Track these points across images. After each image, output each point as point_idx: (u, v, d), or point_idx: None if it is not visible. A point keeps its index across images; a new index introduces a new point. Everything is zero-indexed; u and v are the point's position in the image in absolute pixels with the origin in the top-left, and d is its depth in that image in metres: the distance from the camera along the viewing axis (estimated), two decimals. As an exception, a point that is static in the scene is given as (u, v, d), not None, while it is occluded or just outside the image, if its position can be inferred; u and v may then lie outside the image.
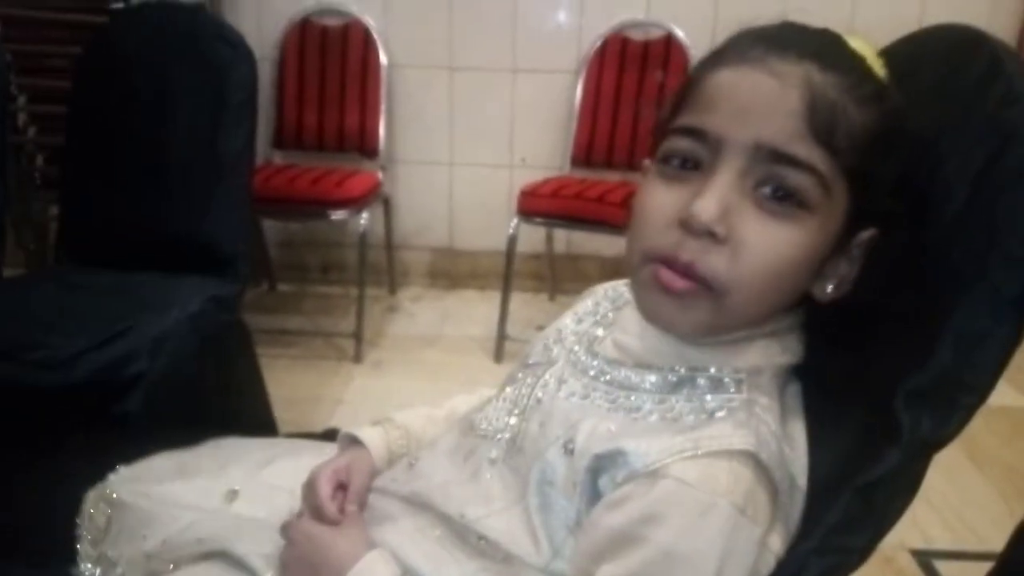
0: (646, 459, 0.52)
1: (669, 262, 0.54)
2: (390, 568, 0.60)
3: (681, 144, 0.55)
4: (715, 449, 0.52)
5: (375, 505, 0.68)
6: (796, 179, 0.52)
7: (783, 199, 0.52)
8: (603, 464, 0.55)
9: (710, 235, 0.52)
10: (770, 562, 0.53)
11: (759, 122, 0.52)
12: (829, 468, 0.57)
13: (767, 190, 0.52)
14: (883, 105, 0.54)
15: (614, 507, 0.53)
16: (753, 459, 0.52)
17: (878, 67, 0.56)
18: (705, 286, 0.53)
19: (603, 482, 0.55)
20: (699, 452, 0.52)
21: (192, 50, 1.56)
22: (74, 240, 1.66)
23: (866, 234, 0.56)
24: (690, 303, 0.54)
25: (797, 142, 0.51)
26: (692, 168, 0.55)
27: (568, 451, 0.57)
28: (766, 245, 0.52)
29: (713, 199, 0.52)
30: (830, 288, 0.57)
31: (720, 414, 0.55)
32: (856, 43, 0.56)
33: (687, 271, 0.53)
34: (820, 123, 0.51)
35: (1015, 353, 0.54)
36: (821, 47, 0.54)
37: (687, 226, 0.53)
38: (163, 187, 1.56)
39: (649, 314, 0.57)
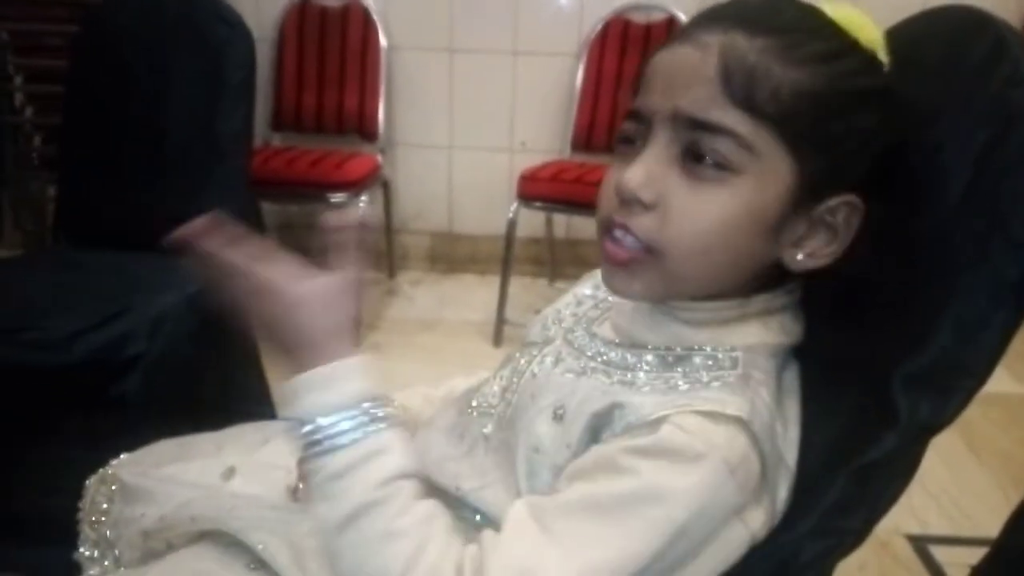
0: (641, 411, 0.53)
1: (610, 227, 0.57)
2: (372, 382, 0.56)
3: (626, 127, 0.58)
4: (709, 410, 0.52)
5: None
6: (712, 143, 0.53)
7: (705, 163, 0.54)
8: (601, 421, 0.55)
9: (639, 202, 0.54)
10: (742, 536, 0.53)
11: (677, 92, 0.54)
12: (826, 450, 0.57)
13: (690, 155, 0.54)
14: (832, 66, 0.53)
15: (605, 440, 0.54)
16: (746, 428, 0.52)
17: (867, 34, 0.55)
18: (644, 251, 0.55)
19: (604, 437, 0.55)
20: (694, 409, 0.52)
21: (189, 29, 1.55)
22: (72, 220, 1.66)
23: (836, 200, 0.55)
24: (634, 270, 0.56)
25: (712, 108, 0.53)
26: (638, 144, 0.57)
27: (557, 417, 0.57)
28: (693, 208, 0.54)
29: (638, 169, 0.54)
30: (800, 256, 0.57)
31: (715, 384, 0.55)
32: (837, 11, 0.55)
33: (623, 237, 0.56)
34: (735, 87, 0.52)
35: (1013, 340, 0.54)
36: (756, 14, 0.54)
37: (619, 195, 0.55)
38: (161, 168, 1.55)
39: (606, 285, 0.60)
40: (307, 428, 0.53)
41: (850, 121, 0.54)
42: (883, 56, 0.56)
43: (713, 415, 0.51)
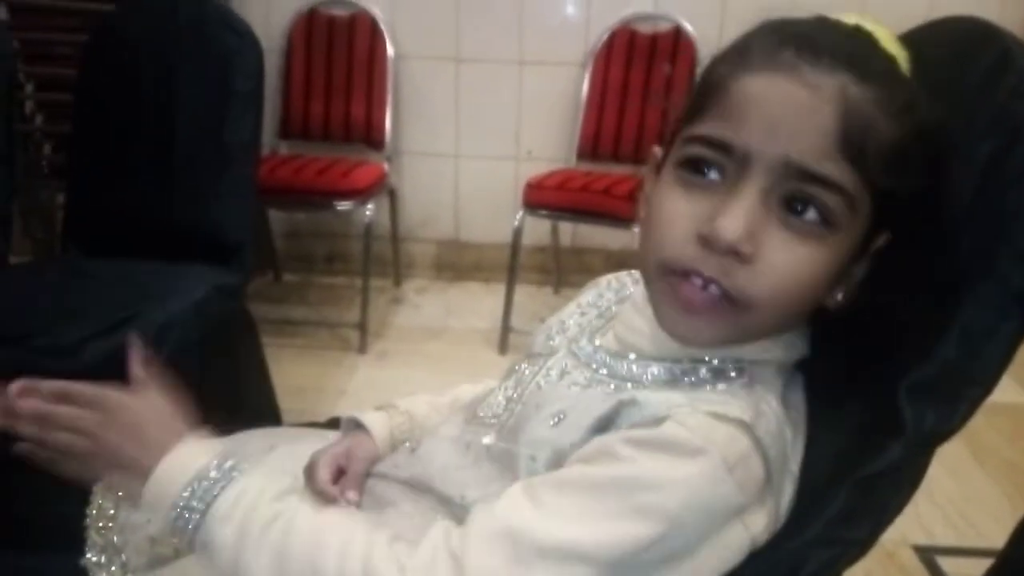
0: (646, 410, 0.53)
1: (689, 275, 0.53)
2: (209, 454, 0.59)
3: (705, 153, 0.53)
4: (713, 411, 0.52)
5: (376, 490, 0.68)
6: (824, 198, 0.51)
7: (808, 218, 0.51)
8: (606, 422, 0.55)
9: (737, 255, 0.51)
10: (742, 538, 0.52)
11: (789, 138, 0.50)
12: (831, 460, 0.57)
13: (792, 208, 0.51)
14: (914, 116, 0.52)
15: (602, 432, 0.54)
16: (749, 431, 0.52)
17: (904, 63, 0.55)
18: (727, 301, 0.53)
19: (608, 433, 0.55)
20: (697, 410, 0.52)
21: (198, 38, 1.56)
22: (80, 228, 1.67)
23: (881, 240, 0.56)
24: (711, 319, 0.54)
25: (827, 160, 0.50)
26: (714, 176, 0.53)
27: (557, 422, 0.57)
28: (791, 265, 0.52)
29: (740, 218, 0.50)
30: (840, 296, 0.57)
31: (721, 386, 0.56)
32: (884, 38, 0.54)
33: (707, 287, 0.53)
34: (852, 141, 0.49)
35: (1019, 350, 0.54)
36: (855, 53, 0.52)
37: (709, 243, 0.52)
38: (169, 176, 1.56)
39: (669, 328, 0.57)
40: (178, 509, 0.57)
41: (922, 167, 0.54)
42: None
43: (716, 415, 0.52)
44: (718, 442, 0.50)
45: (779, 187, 0.51)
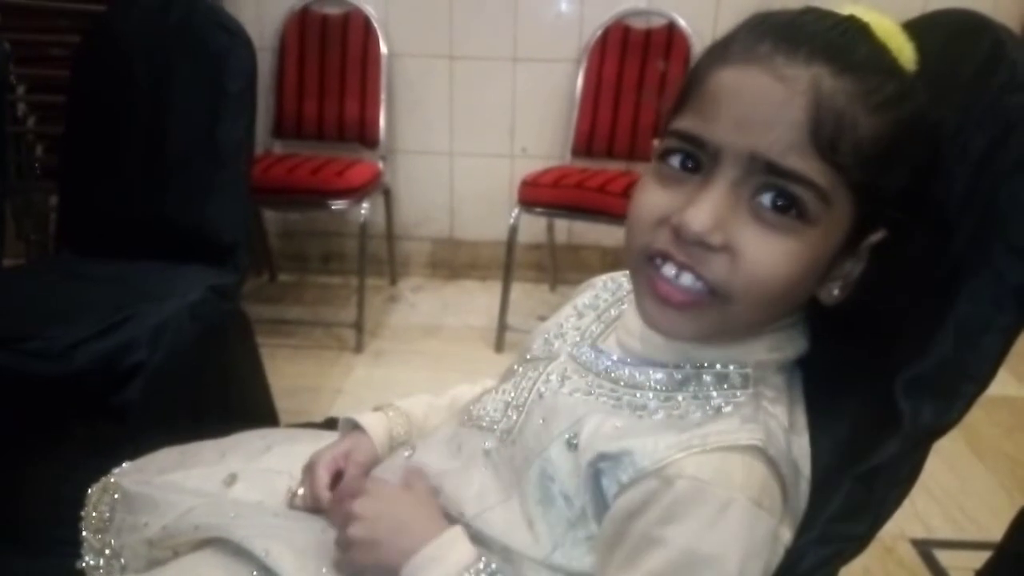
0: (654, 456, 0.52)
1: (663, 262, 0.54)
2: (469, 549, 0.58)
3: (680, 147, 0.54)
4: (724, 444, 0.51)
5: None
6: (792, 190, 0.50)
7: (781, 211, 0.51)
8: (607, 464, 0.54)
9: (705, 246, 0.51)
10: (780, 552, 0.53)
11: (758, 132, 0.50)
12: (829, 457, 0.57)
13: (764, 200, 0.51)
14: (901, 109, 0.51)
15: (633, 516, 0.52)
16: (763, 454, 0.52)
17: (906, 54, 0.54)
18: (709, 294, 0.53)
19: (606, 483, 0.55)
20: (707, 448, 0.51)
21: (190, 38, 1.55)
22: (74, 230, 1.66)
23: (875, 237, 0.55)
24: (690, 313, 0.54)
25: (795, 155, 0.49)
26: (689, 169, 0.54)
27: (572, 446, 0.57)
28: (764, 258, 0.51)
29: (706, 209, 0.51)
30: (836, 292, 0.57)
31: (727, 409, 0.55)
32: (882, 27, 0.53)
33: (680, 276, 0.53)
34: (823, 137, 0.49)
35: (1016, 342, 0.54)
36: (837, 44, 0.51)
37: (678, 233, 0.52)
38: (162, 176, 1.55)
39: (649, 322, 0.57)
40: None
41: (910, 162, 0.53)
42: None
43: (728, 448, 0.51)
44: (739, 484, 0.50)
45: (749, 180, 0.51)
